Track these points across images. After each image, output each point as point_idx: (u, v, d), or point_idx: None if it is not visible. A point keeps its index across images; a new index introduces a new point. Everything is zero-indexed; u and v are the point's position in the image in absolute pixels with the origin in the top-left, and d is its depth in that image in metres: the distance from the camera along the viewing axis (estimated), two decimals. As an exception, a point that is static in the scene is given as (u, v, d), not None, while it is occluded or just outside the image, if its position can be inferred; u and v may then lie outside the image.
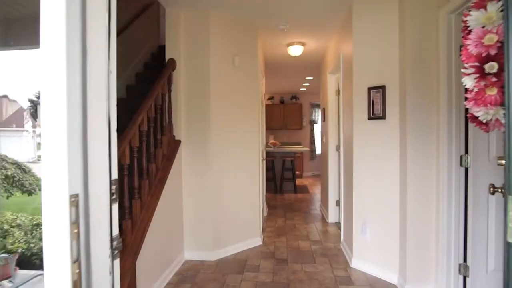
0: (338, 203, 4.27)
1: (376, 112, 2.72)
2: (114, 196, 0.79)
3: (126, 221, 2.14)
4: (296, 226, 4.20)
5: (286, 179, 6.81)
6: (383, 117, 2.67)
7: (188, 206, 3.09)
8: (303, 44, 4.22)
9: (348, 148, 3.11)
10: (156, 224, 2.49)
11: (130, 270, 2.09)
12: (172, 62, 2.96)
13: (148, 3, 4.59)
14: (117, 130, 0.84)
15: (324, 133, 4.83)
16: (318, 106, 9.33)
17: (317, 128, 9.50)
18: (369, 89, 2.76)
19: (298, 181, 7.93)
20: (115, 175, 0.80)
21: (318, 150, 9.48)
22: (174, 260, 2.85)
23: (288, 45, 4.23)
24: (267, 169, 6.65)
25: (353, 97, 2.86)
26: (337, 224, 4.18)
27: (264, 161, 4.63)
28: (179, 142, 3.01)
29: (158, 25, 4.89)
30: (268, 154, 6.77)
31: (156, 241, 2.49)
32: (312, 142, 9.34)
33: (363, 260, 2.81)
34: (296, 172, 8.23)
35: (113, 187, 0.78)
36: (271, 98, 9.30)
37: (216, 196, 3.11)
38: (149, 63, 4.49)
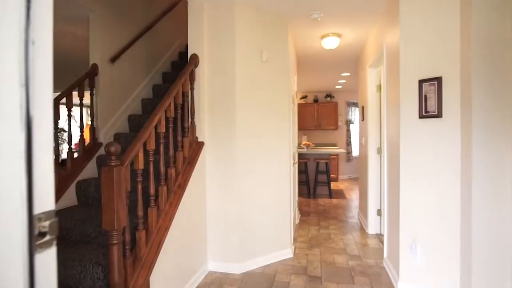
0: (379, 212, 3.80)
1: (429, 109, 2.27)
2: (45, 239, 0.53)
3: (140, 232, 1.94)
4: (331, 236, 3.81)
5: (320, 183, 6.38)
6: (438, 115, 2.22)
7: (212, 212, 2.86)
8: (339, 35, 3.82)
9: (393, 151, 2.68)
10: (175, 234, 2.28)
11: (144, 285, 1.89)
12: (195, 57, 2.75)
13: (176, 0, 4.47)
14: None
15: (363, 134, 4.37)
16: (355, 104, 8.74)
17: (354, 128, 8.90)
18: (421, 82, 2.32)
19: (333, 185, 7.44)
20: (48, 205, 0.54)
21: (355, 152, 8.89)
22: (196, 272, 2.63)
23: (322, 37, 3.86)
24: (300, 172, 6.28)
25: (400, 93, 2.43)
26: (379, 237, 3.72)
27: (296, 164, 4.29)
28: (202, 144, 2.79)
29: (187, 22, 4.77)
30: (300, 156, 6.39)
31: (175, 252, 2.28)
32: (349, 143, 8.77)
33: (412, 283, 2.37)
34: (331, 175, 7.75)
35: (43, 224, 0.52)
36: (304, 97, 8.89)
37: (243, 203, 2.85)
38: (177, 62, 4.36)
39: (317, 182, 6.33)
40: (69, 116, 2.81)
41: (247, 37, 2.87)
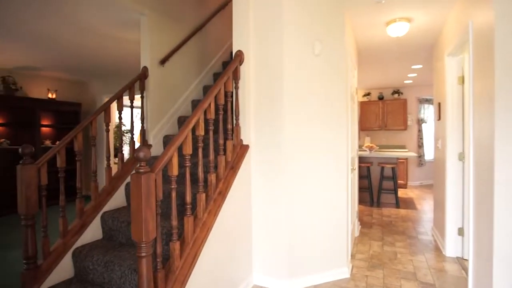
0: (461, 231, 3.12)
1: (541, 104, 1.68)
2: None
3: (174, 243, 1.80)
4: (397, 255, 3.26)
5: (386, 190, 5.69)
6: (556, 110, 1.62)
7: (257, 222, 2.62)
8: (408, 20, 3.25)
9: (483, 158, 2.09)
10: (214, 245, 2.10)
11: (177, 302, 1.74)
12: (239, 54, 2.54)
13: (227, -1, 4.37)
14: None
15: (439, 136, 3.67)
16: (429, 101, 7.67)
17: (428, 128, 7.83)
18: (527, 67, 1.73)
19: (401, 192, 6.61)
20: None
21: (428, 155, 7.81)
22: (239, 285, 2.43)
23: (388, 23, 3.33)
24: (361, 177, 5.70)
25: (495, 84, 1.87)
26: (460, 261, 3.05)
27: (356, 170, 3.81)
28: (246, 147, 2.58)
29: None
30: (362, 159, 5.79)
31: (213, 265, 2.10)
32: (420, 145, 7.73)
33: (512, 334, 1.79)
34: (399, 181, 6.92)
35: None
36: (366, 94, 8.13)
37: (292, 213, 2.55)
38: (228, 62, 4.26)
39: (382, 189, 5.65)
40: (120, 118, 2.86)
41: (297, 27, 2.56)
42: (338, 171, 2.77)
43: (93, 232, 2.53)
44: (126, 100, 3.28)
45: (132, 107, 2.98)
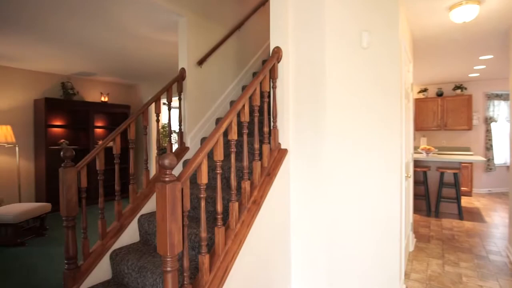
0: (549, 255, 2.56)
1: None
2: None
3: (202, 257, 1.67)
4: (463, 279, 2.79)
5: (446, 199, 5.04)
6: None
7: (296, 234, 2.41)
8: (478, 1, 2.75)
9: None
10: (247, 258, 1.94)
11: (206, 320, 1.61)
12: (277, 51, 2.35)
13: (267, -5, 4.19)
14: None
15: (517, 138, 3.08)
16: (500, 96, 6.69)
17: (498, 128, 6.83)
18: None
19: (464, 201, 5.85)
20: None
21: (498, 159, 6.82)
22: (275, 302, 2.24)
23: (451, 7, 2.86)
24: (417, 183, 5.14)
25: None
26: (548, 292, 2.50)
27: (411, 177, 3.38)
28: (285, 151, 2.37)
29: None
30: (418, 163, 5.22)
31: (246, 280, 1.94)
32: (489, 147, 6.77)
33: None
34: (462, 188, 6.14)
35: None
36: (423, 90, 7.36)
37: (337, 223, 2.29)
38: (268, 61, 4.08)
39: (441, 197, 5.02)
40: (157, 121, 2.85)
41: (341, 17, 2.28)
42: (390, 178, 2.42)
43: (130, 234, 2.54)
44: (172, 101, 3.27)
45: (169, 108, 2.96)
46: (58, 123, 5.75)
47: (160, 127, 6.62)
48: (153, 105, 6.00)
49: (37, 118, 5.38)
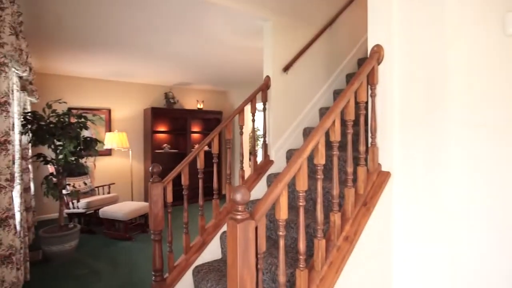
0: None
1: None
2: None
3: (281, 306, 1.40)
4: None
5: None
6: None
7: (401, 281, 1.90)
8: None
9: None
10: (336, 310, 1.58)
11: None
12: (377, 50, 1.89)
13: (364, -16, 3.65)
14: None
15: None
16: None
17: None
18: None
19: None
20: None
21: None
22: None
23: None
24: None
25: None
26: None
27: None
28: (387, 175, 1.89)
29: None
30: None
31: (334, 337, 1.58)
32: None
33: None
34: None
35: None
36: None
37: (460, 273, 1.70)
38: (365, 59, 3.54)
39: None
40: (241, 134, 2.72)
41: (474, -2, 1.67)
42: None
43: (212, 251, 2.48)
44: (257, 107, 3.15)
45: (253, 120, 2.80)
46: (161, 129, 6.41)
47: (245, 138, 6.68)
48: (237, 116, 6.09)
49: (145, 125, 6.11)
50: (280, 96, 2.93)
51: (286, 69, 2.93)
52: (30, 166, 4.35)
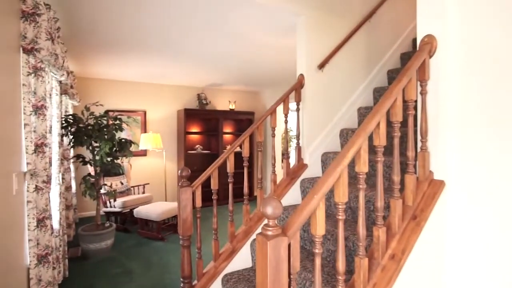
0: None
1: None
2: None
3: (317, 333, 1.24)
4: None
5: None
6: None
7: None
8: None
9: None
10: None
11: None
12: (429, 41, 1.65)
13: (408, -29, 3.33)
14: None
15: None
16: None
17: None
18: None
19: None
20: None
21: None
22: None
23: None
24: None
25: None
26: None
27: None
28: (440, 184, 1.64)
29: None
30: None
31: None
32: None
33: None
34: None
35: None
36: None
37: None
38: (408, 54, 3.24)
39: None
40: (273, 136, 2.58)
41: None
42: None
43: (242, 259, 2.36)
44: (291, 106, 2.99)
45: (286, 121, 2.65)
46: (194, 130, 6.46)
47: (276, 140, 6.51)
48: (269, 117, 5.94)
49: (179, 126, 6.19)
50: (315, 96, 2.75)
51: (321, 66, 2.74)
52: (71, 166, 4.57)
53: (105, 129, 3.57)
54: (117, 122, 3.73)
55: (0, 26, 1.71)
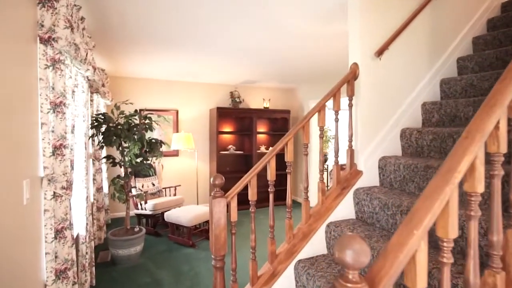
0: None
1: None
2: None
3: None
4: None
5: None
6: None
7: None
8: None
9: None
10: None
11: None
12: None
13: None
14: None
15: None
16: None
17: None
18: None
19: None
20: None
21: None
22: None
23: None
24: None
25: None
26: None
27: None
28: None
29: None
30: None
31: None
32: None
33: None
34: None
35: None
36: None
37: None
38: (484, 37, 2.65)
39: None
40: (321, 137, 2.17)
41: None
42: None
43: (285, 285, 1.98)
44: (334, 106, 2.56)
45: (336, 120, 2.23)
46: (227, 129, 6.19)
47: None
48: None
49: (211, 125, 5.94)
50: (371, 89, 2.29)
51: (379, 53, 2.27)
52: (103, 166, 4.48)
53: (134, 129, 3.37)
54: (147, 121, 3.51)
55: (14, 13, 1.49)
